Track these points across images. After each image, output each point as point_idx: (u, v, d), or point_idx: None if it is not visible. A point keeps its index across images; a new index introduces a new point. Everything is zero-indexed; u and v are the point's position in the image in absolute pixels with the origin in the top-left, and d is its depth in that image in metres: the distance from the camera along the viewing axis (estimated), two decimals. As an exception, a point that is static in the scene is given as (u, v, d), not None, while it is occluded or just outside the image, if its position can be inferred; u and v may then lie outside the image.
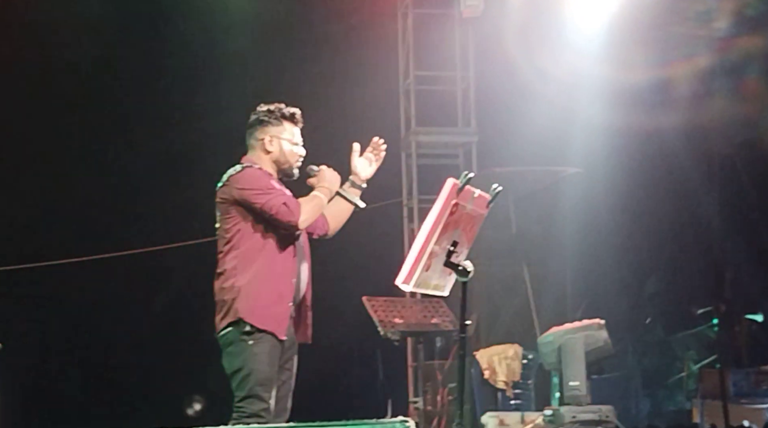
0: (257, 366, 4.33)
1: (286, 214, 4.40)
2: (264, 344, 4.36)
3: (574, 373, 6.74)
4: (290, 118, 4.63)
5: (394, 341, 7.29)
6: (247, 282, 4.40)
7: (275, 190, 4.48)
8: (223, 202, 4.50)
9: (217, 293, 4.47)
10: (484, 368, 8.03)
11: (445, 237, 4.07)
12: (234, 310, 4.37)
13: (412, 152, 9.77)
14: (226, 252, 4.47)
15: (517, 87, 9.14)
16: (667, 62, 9.29)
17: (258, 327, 4.35)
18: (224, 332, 4.40)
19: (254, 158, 4.60)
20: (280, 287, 4.46)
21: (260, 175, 4.51)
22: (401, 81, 10.00)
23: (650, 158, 10.24)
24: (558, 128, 9.10)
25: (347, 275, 8.94)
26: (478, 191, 4.21)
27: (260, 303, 4.39)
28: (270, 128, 4.60)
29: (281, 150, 4.59)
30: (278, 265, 4.46)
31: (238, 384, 4.34)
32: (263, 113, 4.61)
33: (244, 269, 4.41)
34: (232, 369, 4.37)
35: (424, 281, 4.10)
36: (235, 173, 4.49)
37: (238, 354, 4.35)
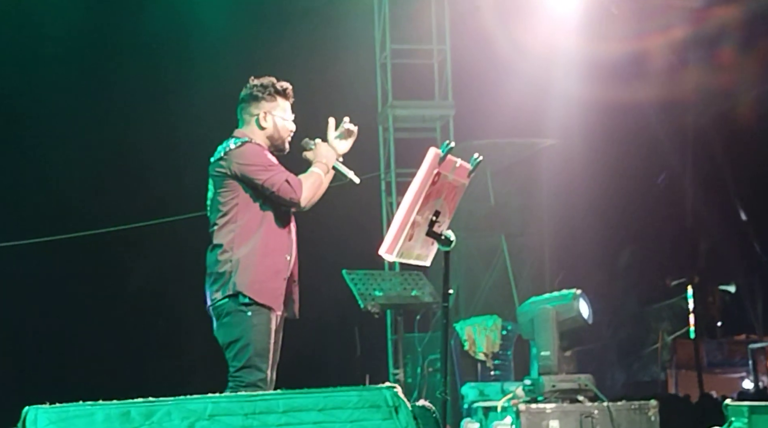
0: (256, 336, 4.36)
1: (288, 191, 4.41)
2: (262, 315, 4.39)
3: (545, 343, 6.78)
4: (283, 93, 4.62)
5: (374, 313, 7.29)
6: (245, 256, 4.39)
7: (276, 166, 4.48)
8: (219, 175, 4.49)
9: (211, 265, 4.46)
10: (464, 339, 8.08)
11: (427, 207, 4.09)
12: (232, 283, 4.37)
13: (389, 125, 9.77)
14: (222, 225, 4.47)
15: (493, 60, 9.16)
16: (643, 34, 9.34)
17: (257, 300, 4.38)
18: (220, 303, 4.41)
19: (248, 133, 4.60)
20: (276, 262, 4.47)
21: (260, 151, 4.50)
22: (377, 55, 9.98)
23: (626, 130, 10.32)
24: (534, 101, 9.14)
25: (326, 249, 8.94)
26: (459, 161, 4.22)
27: (259, 278, 4.40)
28: (264, 104, 4.59)
29: (275, 126, 4.59)
30: (275, 240, 4.48)
31: (236, 354, 4.36)
32: (257, 88, 4.59)
33: (241, 242, 4.41)
34: (229, 339, 4.38)
35: (407, 251, 4.12)
36: (235, 147, 4.47)
37: (236, 324, 4.37)
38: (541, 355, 6.74)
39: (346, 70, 9.56)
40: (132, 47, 9.31)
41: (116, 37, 9.34)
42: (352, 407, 3.05)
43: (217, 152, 4.54)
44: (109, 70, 9.42)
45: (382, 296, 7.33)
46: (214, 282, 4.45)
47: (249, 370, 4.32)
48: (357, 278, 7.48)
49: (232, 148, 4.49)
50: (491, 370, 7.93)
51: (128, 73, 9.31)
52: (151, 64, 9.28)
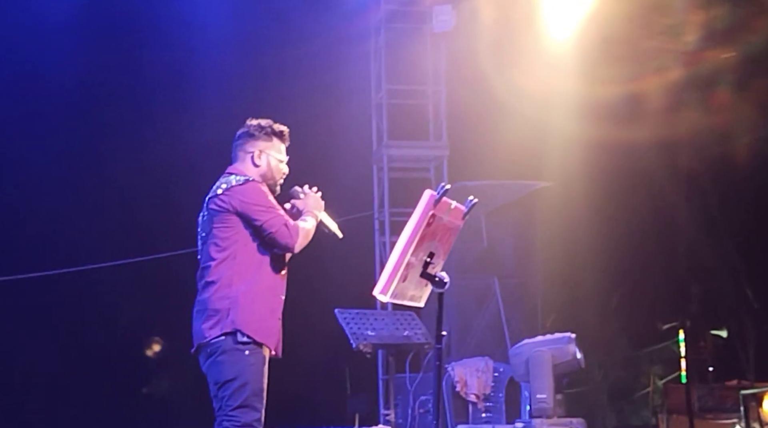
0: (253, 376, 4.33)
1: (285, 236, 4.42)
2: (259, 355, 4.37)
3: (541, 386, 6.74)
4: (279, 135, 4.67)
5: (366, 353, 7.26)
6: (243, 294, 4.39)
7: (276, 209, 4.50)
8: (220, 210, 4.48)
9: (206, 301, 4.43)
10: (456, 380, 8.03)
11: (422, 248, 4.07)
12: (230, 320, 4.35)
13: (384, 165, 9.79)
14: (220, 261, 4.44)
15: (488, 101, 9.20)
16: (638, 76, 9.39)
17: (255, 338, 4.36)
18: (216, 340, 4.37)
19: (244, 170, 4.61)
20: (272, 302, 4.49)
21: (263, 191, 4.53)
22: (373, 95, 10.02)
23: (621, 172, 10.33)
24: (529, 142, 9.17)
25: (319, 288, 8.92)
26: (454, 203, 4.22)
27: (257, 316, 4.40)
28: (260, 143, 4.62)
29: (269, 165, 4.62)
30: (272, 279, 4.49)
31: (232, 393, 4.32)
32: (254, 127, 4.65)
33: (240, 280, 4.41)
34: (225, 378, 4.34)
35: (401, 292, 4.10)
36: (238, 184, 4.49)
37: (232, 363, 4.33)
38: (536, 398, 6.71)
39: (342, 110, 9.63)
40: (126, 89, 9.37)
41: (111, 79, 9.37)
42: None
43: (217, 186, 4.55)
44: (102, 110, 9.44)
45: (374, 336, 7.31)
46: (208, 318, 4.41)
47: (245, 410, 4.29)
48: (349, 317, 7.45)
49: (234, 184, 4.50)
50: (482, 412, 7.88)
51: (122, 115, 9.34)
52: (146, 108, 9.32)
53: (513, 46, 9.05)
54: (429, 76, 9.95)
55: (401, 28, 9.87)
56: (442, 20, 9.18)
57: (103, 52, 9.18)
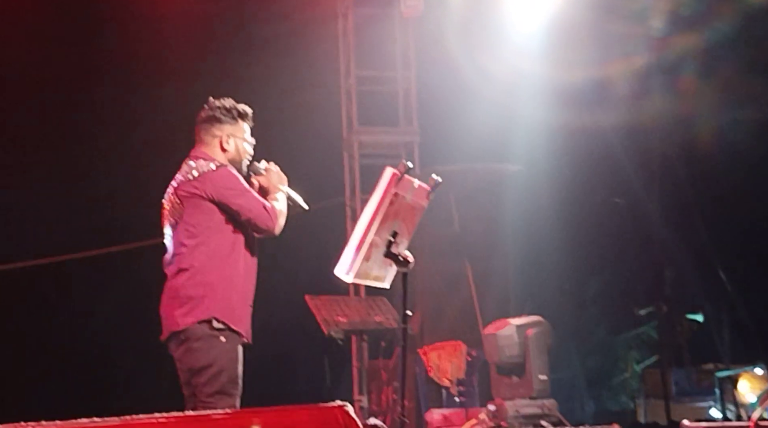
0: (228, 363, 4.30)
1: (266, 219, 4.41)
2: (234, 342, 4.35)
3: (541, 366, 6.77)
4: (244, 116, 4.62)
5: (338, 339, 7.27)
6: (218, 280, 4.35)
7: (251, 192, 4.46)
8: (192, 196, 4.43)
9: (180, 287, 4.38)
10: (429, 365, 8.05)
11: (385, 228, 4.06)
12: (205, 307, 4.31)
13: (355, 152, 9.78)
14: (193, 247, 4.39)
15: (458, 86, 9.20)
16: (606, 61, 9.42)
17: (230, 326, 4.33)
18: (191, 327, 4.32)
19: (212, 154, 4.55)
20: (245, 288, 4.46)
21: (235, 175, 4.48)
22: (343, 81, 9.99)
23: (591, 156, 10.37)
24: (499, 127, 9.17)
25: (290, 276, 8.90)
26: (417, 182, 4.21)
27: (232, 303, 4.37)
28: (227, 127, 4.57)
29: (236, 149, 4.58)
30: (245, 266, 4.46)
31: (207, 380, 4.28)
32: (220, 110, 4.58)
33: (214, 266, 4.36)
34: (201, 365, 4.30)
35: (365, 272, 4.09)
36: (210, 170, 4.43)
37: (207, 350, 4.30)
38: (539, 378, 6.72)
39: (312, 97, 9.58)
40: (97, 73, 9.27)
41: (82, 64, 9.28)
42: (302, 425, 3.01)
43: (186, 172, 4.48)
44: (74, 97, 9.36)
45: (345, 322, 7.32)
46: (181, 305, 4.35)
47: (220, 396, 4.26)
48: (320, 303, 7.47)
49: (206, 170, 4.44)
50: (455, 396, 7.90)
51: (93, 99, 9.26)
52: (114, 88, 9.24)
53: (481, 31, 9.06)
54: (398, 62, 9.93)
55: (369, 12, 9.86)
56: (410, 5, 9.16)
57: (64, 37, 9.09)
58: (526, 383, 6.77)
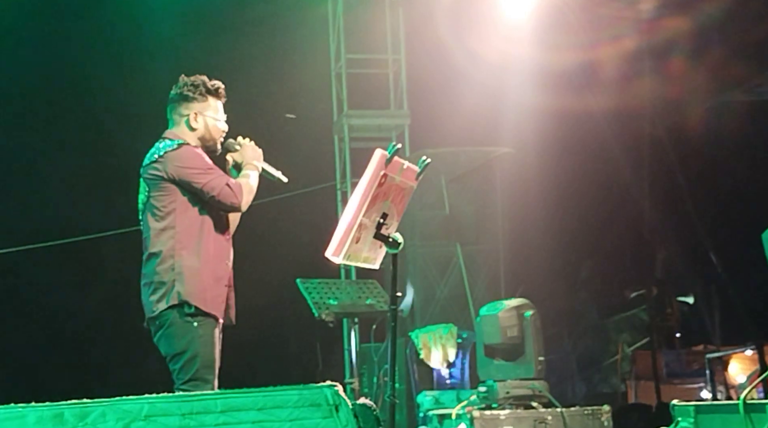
0: (203, 347, 4.24)
1: (229, 196, 4.32)
2: (208, 326, 4.28)
3: (540, 348, 6.79)
4: (215, 92, 4.51)
5: (328, 322, 7.26)
6: (188, 264, 4.28)
7: (215, 170, 4.38)
8: (155, 178, 4.36)
9: (150, 273, 4.32)
10: (420, 348, 8.07)
11: (374, 209, 4.06)
12: (176, 292, 4.25)
13: (345, 135, 9.78)
14: (160, 230, 4.33)
15: (448, 69, 9.20)
16: (595, 44, 9.42)
17: (203, 309, 4.27)
18: (164, 313, 4.28)
19: (179, 134, 4.47)
20: (218, 269, 4.38)
21: (197, 153, 4.40)
22: (332, 65, 9.98)
23: (580, 139, 10.36)
24: (489, 109, 9.18)
25: (281, 260, 8.90)
26: (406, 163, 4.20)
27: (203, 286, 4.29)
28: (194, 104, 4.47)
29: (206, 126, 4.48)
30: (216, 246, 4.38)
31: (182, 366, 4.24)
32: (187, 88, 4.47)
33: (182, 249, 4.30)
34: (175, 351, 4.26)
35: (354, 254, 4.08)
36: (171, 149, 4.35)
37: (181, 335, 4.25)
38: (539, 359, 6.73)
39: (301, 80, 9.56)
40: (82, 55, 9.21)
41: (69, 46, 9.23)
42: (291, 406, 3.01)
43: (150, 154, 4.41)
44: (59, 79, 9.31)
45: (336, 305, 7.31)
46: (154, 291, 4.30)
47: (196, 383, 4.20)
48: (311, 286, 7.45)
49: (168, 150, 4.35)
50: (447, 378, 7.92)
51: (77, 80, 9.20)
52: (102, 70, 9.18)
53: (471, 14, 9.05)
54: (388, 44, 9.92)
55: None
56: (399, -14, 9.16)
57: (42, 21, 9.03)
58: (525, 365, 6.77)
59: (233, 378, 4.68)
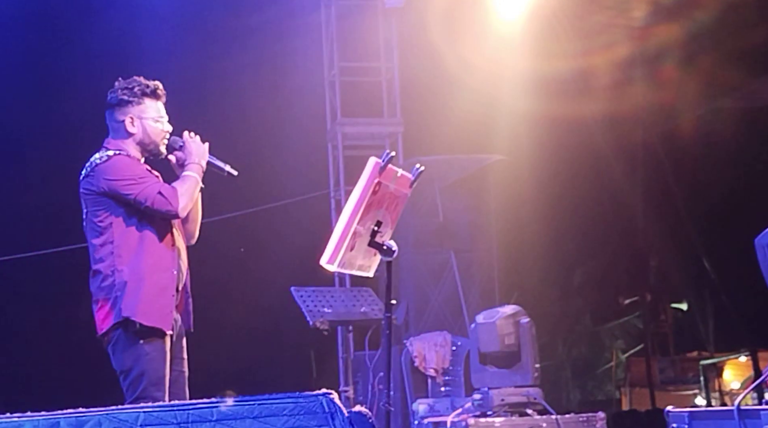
0: (149, 365, 4.16)
1: (163, 203, 4.18)
2: (155, 341, 4.19)
3: (536, 354, 6.80)
4: (152, 94, 4.35)
5: (323, 330, 7.26)
6: (128, 279, 4.18)
7: (147, 178, 4.24)
8: (89, 193, 4.25)
9: (95, 292, 4.25)
10: (414, 356, 8.07)
11: (368, 217, 4.08)
12: (118, 309, 4.16)
13: (338, 143, 9.76)
14: (99, 246, 4.23)
15: (441, 76, 9.22)
16: (587, 51, 9.45)
17: (146, 324, 4.16)
18: (109, 330, 4.20)
19: (117, 142, 4.33)
20: (162, 279, 4.25)
21: (129, 162, 4.26)
22: (326, 72, 9.97)
23: (574, 146, 10.41)
24: (482, 117, 9.21)
25: (275, 268, 8.90)
26: (400, 171, 4.23)
27: (145, 299, 4.18)
28: (130, 108, 4.31)
29: (144, 130, 4.31)
30: (157, 257, 4.26)
31: (130, 385, 4.16)
32: (122, 91, 4.33)
33: (122, 263, 4.20)
34: (122, 369, 4.19)
35: (349, 262, 4.09)
36: (101, 162, 4.24)
37: (128, 353, 4.17)
38: (535, 367, 6.74)
39: (294, 88, 9.56)
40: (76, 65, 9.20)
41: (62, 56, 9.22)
42: (287, 414, 3.01)
43: (84, 168, 4.31)
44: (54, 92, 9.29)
45: (330, 313, 7.31)
46: (100, 308, 4.23)
47: (144, 400, 4.05)
48: (306, 295, 7.44)
49: (98, 163, 4.25)
50: (441, 386, 7.92)
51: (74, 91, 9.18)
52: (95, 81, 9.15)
53: (463, 22, 9.08)
54: (381, 52, 9.93)
55: (352, 4, 9.86)
56: (393, -5, 9.17)
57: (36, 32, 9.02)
58: (521, 372, 6.78)
59: (227, 386, 4.69)
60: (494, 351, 6.83)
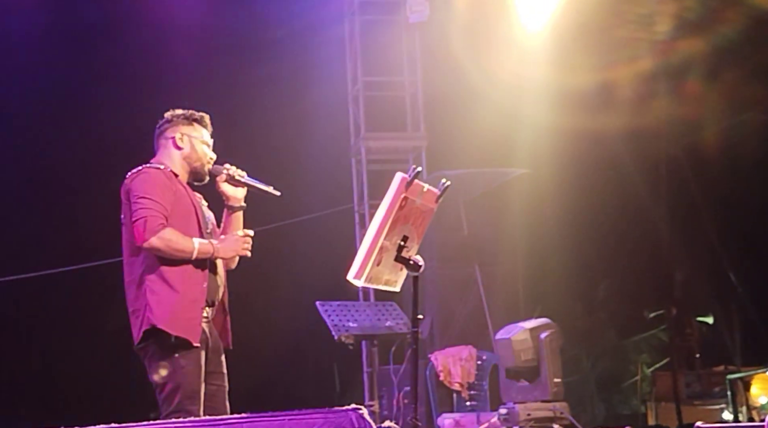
0: (184, 379, 4.21)
1: (138, 227, 4.22)
2: (189, 355, 4.23)
3: (556, 370, 6.76)
4: (200, 120, 4.57)
5: (348, 344, 7.27)
6: (158, 289, 4.24)
7: (153, 201, 4.28)
8: (124, 203, 4.39)
9: (129, 302, 4.32)
10: (439, 370, 8.05)
11: (395, 232, 4.07)
12: (147, 319, 4.21)
13: (362, 157, 9.79)
14: (131, 256, 4.34)
15: (464, 90, 9.22)
16: (611, 65, 9.43)
17: (176, 335, 4.21)
18: (143, 342, 4.26)
19: (163, 158, 4.49)
20: (191, 292, 4.30)
21: (153, 180, 4.34)
22: (349, 87, 10.01)
23: (597, 159, 10.37)
24: (505, 130, 9.19)
25: (299, 283, 8.91)
26: (427, 186, 4.23)
27: (173, 310, 4.23)
28: (181, 127, 4.52)
29: (192, 147, 4.49)
30: (189, 270, 4.30)
31: (165, 398, 4.21)
32: (173, 115, 4.55)
33: (151, 275, 4.26)
34: (157, 382, 4.24)
35: (376, 276, 4.09)
36: (134, 172, 4.39)
37: (163, 366, 4.22)
38: (554, 382, 6.71)
39: (319, 103, 9.60)
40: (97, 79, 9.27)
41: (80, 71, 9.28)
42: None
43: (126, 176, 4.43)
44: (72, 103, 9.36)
45: (356, 327, 7.32)
46: (135, 321, 4.28)
47: (178, 414, 4.12)
48: (330, 309, 7.46)
49: (131, 174, 4.38)
50: (466, 400, 7.90)
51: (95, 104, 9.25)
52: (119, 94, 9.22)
53: (486, 35, 9.08)
54: (404, 67, 9.95)
55: (375, 19, 9.89)
56: (416, 10, 9.18)
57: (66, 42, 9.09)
58: (540, 386, 6.74)
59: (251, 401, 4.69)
60: (513, 367, 6.82)
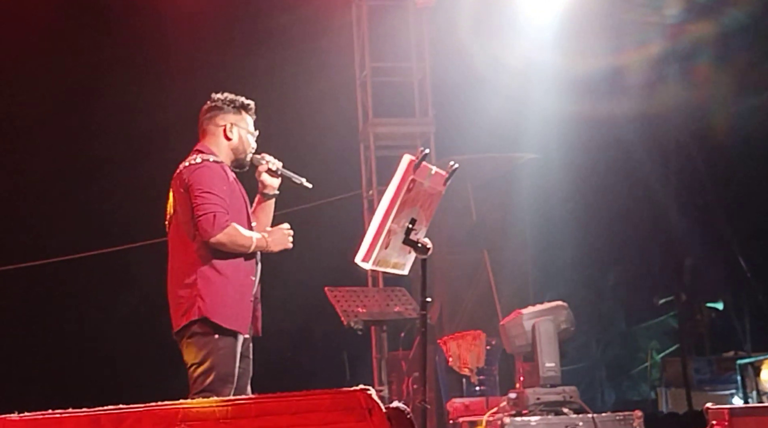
0: (220, 360, 4.26)
1: (206, 224, 4.27)
2: (229, 339, 4.30)
3: (549, 355, 6.75)
4: (247, 108, 4.65)
5: (357, 330, 7.27)
6: (210, 279, 4.30)
7: (217, 196, 4.35)
8: (177, 190, 4.42)
9: (176, 289, 4.36)
10: (449, 355, 8.05)
11: (403, 215, 4.06)
12: (197, 308, 4.27)
13: (370, 143, 9.79)
14: (181, 244, 4.37)
15: (472, 76, 9.21)
16: (620, 49, 9.40)
17: (224, 326, 4.28)
18: (186, 326, 4.30)
19: (212, 146, 4.55)
20: (242, 284, 4.38)
21: (214, 174, 4.40)
22: (357, 73, 10.00)
23: (606, 145, 10.34)
24: (514, 116, 9.19)
25: (308, 269, 8.92)
26: (434, 168, 4.22)
27: (225, 301, 4.30)
28: (230, 116, 4.59)
29: (240, 138, 4.59)
30: (239, 261, 4.38)
31: (198, 377, 4.26)
32: (223, 101, 4.60)
33: (203, 264, 4.31)
34: (194, 361, 4.29)
35: (384, 259, 4.09)
36: (195, 165, 4.40)
37: (202, 346, 4.27)
38: (546, 366, 6.71)
39: (326, 89, 9.59)
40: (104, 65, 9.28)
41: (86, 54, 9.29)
42: (325, 409, 3.01)
43: (181, 166, 4.46)
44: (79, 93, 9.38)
45: (364, 313, 7.32)
46: (178, 306, 4.34)
47: (209, 394, 4.17)
48: (340, 295, 7.46)
49: (192, 164, 4.42)
50: (476, 385, 7.89)
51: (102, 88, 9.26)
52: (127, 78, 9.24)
53: (494, 21, 9.06)
54: (412, 52, 9.93)
55: (383, 4, 9.88)
56: (424, -5, 9.18)
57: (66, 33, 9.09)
58: (536, 371, 6.77)
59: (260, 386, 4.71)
60: (511, 351, 6.86)
